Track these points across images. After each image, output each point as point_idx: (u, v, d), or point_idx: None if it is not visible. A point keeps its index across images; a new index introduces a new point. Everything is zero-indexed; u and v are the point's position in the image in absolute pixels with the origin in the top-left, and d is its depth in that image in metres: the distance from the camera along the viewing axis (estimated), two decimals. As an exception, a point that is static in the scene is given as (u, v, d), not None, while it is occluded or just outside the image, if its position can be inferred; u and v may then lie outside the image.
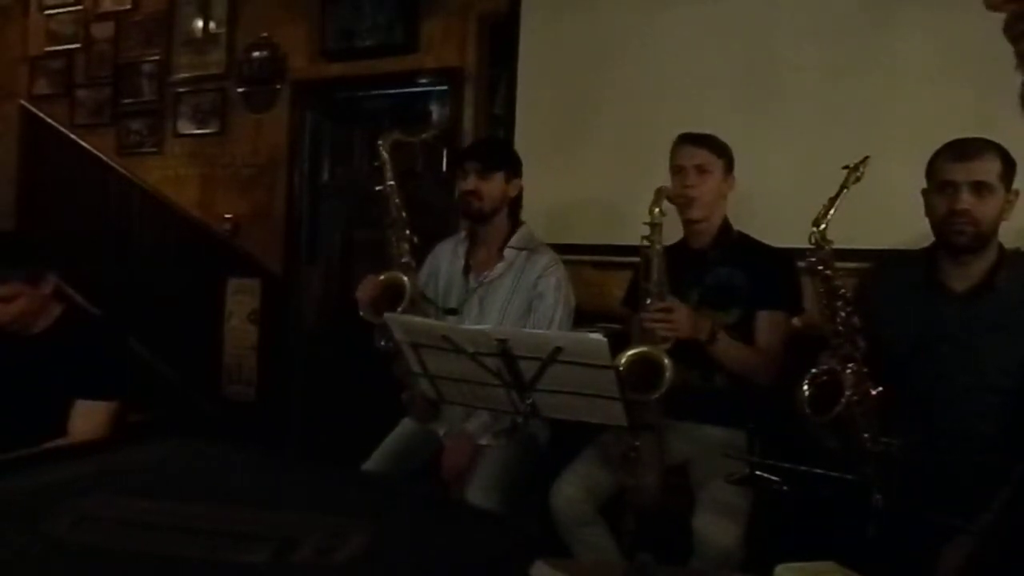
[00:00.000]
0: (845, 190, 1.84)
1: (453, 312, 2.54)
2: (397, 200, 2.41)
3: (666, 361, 1.97)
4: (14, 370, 2.28)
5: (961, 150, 1.91)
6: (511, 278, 2.50)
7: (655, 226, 2.15)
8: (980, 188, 1.88)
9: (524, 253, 2.52)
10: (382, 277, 2.38)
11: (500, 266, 2.52)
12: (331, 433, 4.01)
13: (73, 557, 0.55)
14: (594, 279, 3.21)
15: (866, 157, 1.83)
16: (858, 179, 1.83)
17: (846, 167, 1.85)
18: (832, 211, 1.85)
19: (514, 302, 2.48)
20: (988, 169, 1.89)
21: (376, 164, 2.45)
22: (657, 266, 2.14)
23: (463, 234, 2.68)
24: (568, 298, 2.50)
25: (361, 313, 2.36)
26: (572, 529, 2.20)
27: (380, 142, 2.45)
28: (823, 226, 1.85)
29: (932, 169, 1.97)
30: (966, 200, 1.88)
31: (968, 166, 1.89)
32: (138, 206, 4.71)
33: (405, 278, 2.36)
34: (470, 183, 2.50)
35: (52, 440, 2.11)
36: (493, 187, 2.50)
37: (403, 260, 2.40)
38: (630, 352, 2.01)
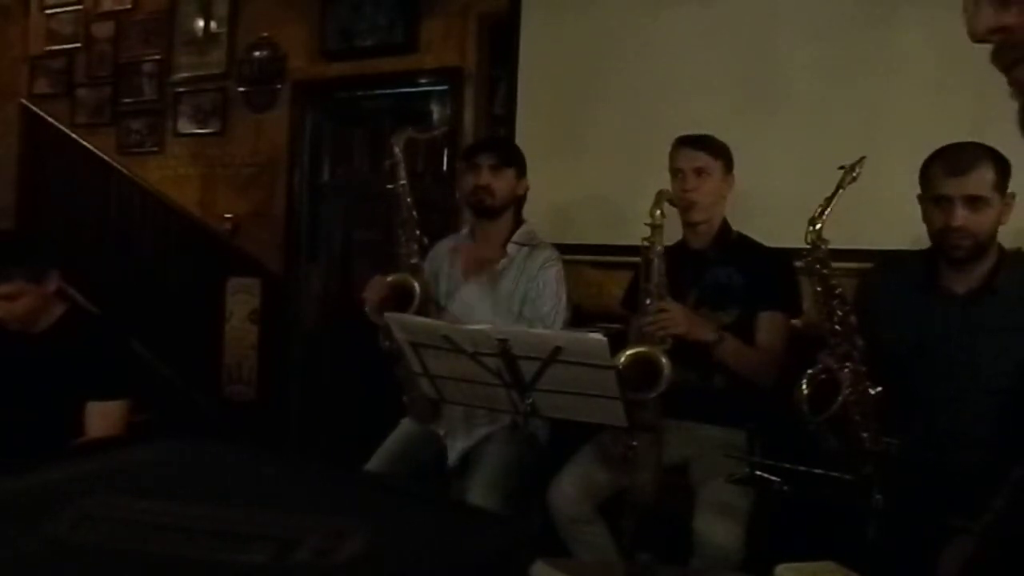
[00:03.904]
0: (841, 190, 1.83)
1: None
2: (409, 199, 2.39)
3: (664, 360, 1.97)
4: (18, 368, 2.28)
5: (954, 164, 1.89)
6: (513, 273, 2.51)
7: (656, 228, 2.15)
8: (975, 202, 1.87)
9: (526, 249, 2.54)
10: (390, 278, 2.37)
11: (503, 262, 2.53)
12: (331, 433, 4.01)
13: (73, 557, 0.55)
14: (594, 279, 3.21)
15: (862, 157, 1.82)
16: (854, 179, 1.82)
17: (842, 167, 1.84)
18: (828, 211, 1.84)
19: (516, 298, 2.49)
20: (982, 182, 1.87)
21: (389, 162, 2.42)
22: (657, 268, 2.15)
23: (465, 232, 2.68)
24: (566, 293, 2.50)
25: (367, 312, 2.36)
26: (570, 528, 2.20)
27: (393, 140, 2.43)
28: (819, 226, 1.84)
29: (926, 180, 1.95)
30: (961, 216, 1.87)
31: (961, 181, 1.87)
32: (138, 206, 4.71)
33: (415, 282, 2.34)
34: (483, 178, 2.50)
35: (59, 439, 2.12)
36: (504, 183, 2.51)
37: (412, 261, 2.39)
38: (628, 352, 2.02)
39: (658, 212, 2.15)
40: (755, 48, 2.98)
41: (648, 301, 2.14)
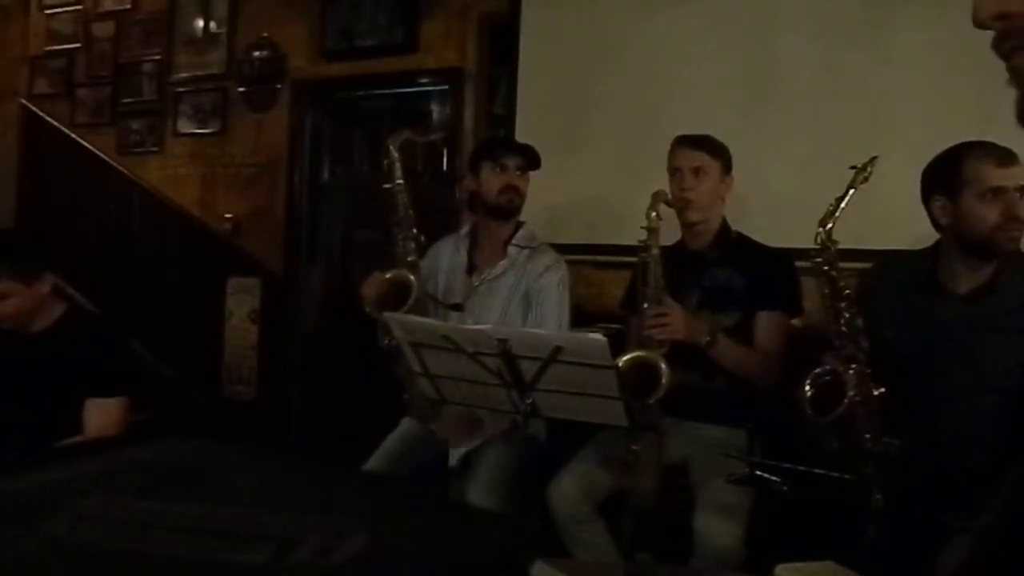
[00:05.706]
0: (852, 190, 1.81)
1: (457, 307, 2.54)
2: (405, 199, 2.42)
3: (663, 366, 1.97)
4: (17, 368, 2.28)
5: (1003, 155, 1.87)
6: (513, 275, 2.51)
7: (652, 230, 2.15)
8: (1022, 192, 1.87)
9: (526, 252, 2.54)
10: (388, 275, 2.39)
11: (503, 263, 2.53)
12: (331, 433, 4.01)
13: (73, 557, 0.55)
14: (594, 279, 3.21)
15: (874, 157, 1.81)
16: (866, 179, 1.80)
17: (853, 167, 1.82)
18: (839, 211, 1.82)
19: (516, 299, 2.49)
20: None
21: (385, 162, 2.45)
22: (654, 270, 2.15)
23: (464, 232, 2.68)
24: (568, 299, 2.51)
25: (366, 309, 2.37)
26: (570, 528, 2.20)
27: (390, 141, 2.45)
28: (829, 226, 1.83)
29: (970, 176, 1.88)
30: (1020, 206, 1.86)
31: (1015, 171, 1.86)
32: (138, 206, 4.71)
33: (412, 277, 2.36)
34: (512, 178, 2.51)
35: (59, 439, 2.12)
36: (527, 185, 2.55)
37: (409, 259, 2.41)
38: (627, 356, 2.01)
39: (654, 214, 2.15)
40: (755, 48, 2.98)
41: (646, 305, 2.14)
